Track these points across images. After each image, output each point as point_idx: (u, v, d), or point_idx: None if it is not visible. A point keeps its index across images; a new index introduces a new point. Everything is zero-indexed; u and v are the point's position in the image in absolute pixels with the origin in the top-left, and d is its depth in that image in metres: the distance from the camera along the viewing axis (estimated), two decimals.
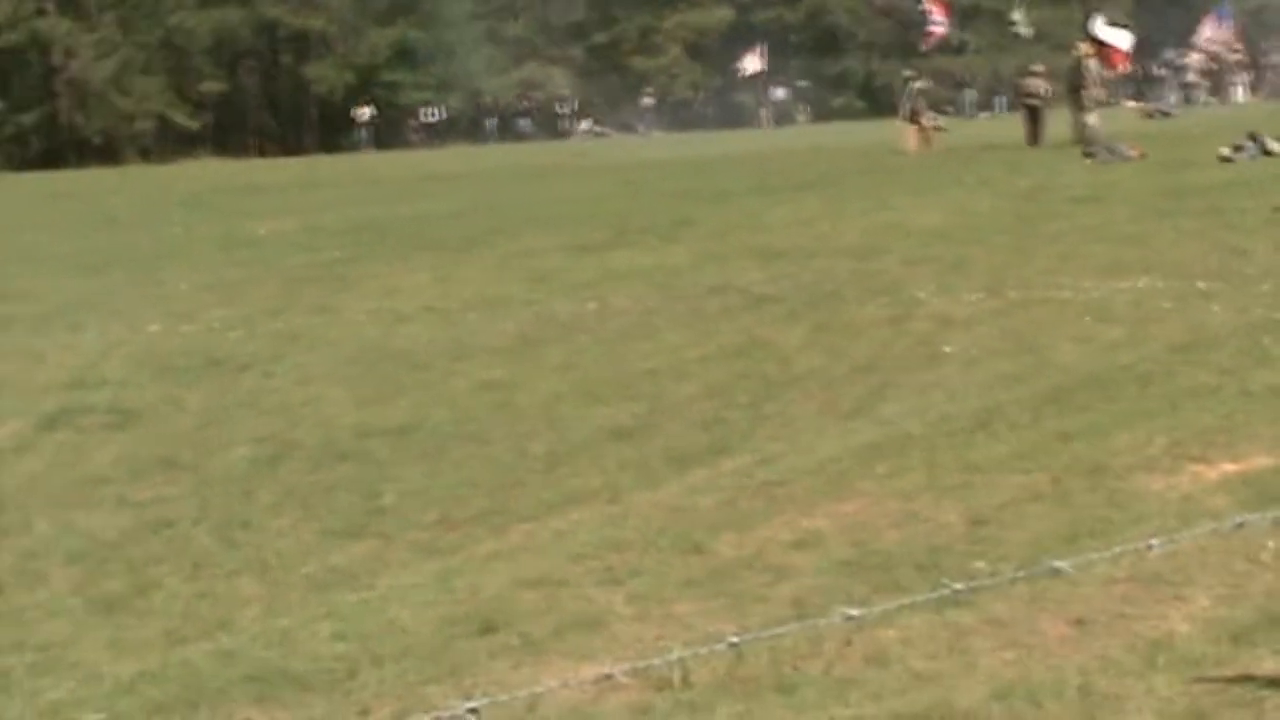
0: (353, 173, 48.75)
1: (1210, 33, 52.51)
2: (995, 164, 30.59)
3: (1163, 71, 64.07)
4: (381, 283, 19.07)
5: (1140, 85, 64.04)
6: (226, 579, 8.62)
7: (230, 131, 77.79)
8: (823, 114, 73.23)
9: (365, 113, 71.73)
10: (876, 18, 80.00)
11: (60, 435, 12.48)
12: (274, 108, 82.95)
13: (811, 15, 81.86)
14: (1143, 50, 54.19)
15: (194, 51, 76.56)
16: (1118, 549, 6.98)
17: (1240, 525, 7.16)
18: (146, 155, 69.56)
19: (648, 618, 7.08)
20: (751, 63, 72.12)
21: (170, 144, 72.80)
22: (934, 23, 48.40)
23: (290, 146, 77.12)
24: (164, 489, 10.66)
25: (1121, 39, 38.95)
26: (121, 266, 22.99)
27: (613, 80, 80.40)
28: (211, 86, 77.40)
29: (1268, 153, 27.47)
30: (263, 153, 75.17)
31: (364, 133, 71.35)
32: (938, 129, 41.14)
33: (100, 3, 73.70)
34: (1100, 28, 38.75)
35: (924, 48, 52.05)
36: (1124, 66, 45.31)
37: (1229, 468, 8.69)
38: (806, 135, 53.89)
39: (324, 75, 78.81)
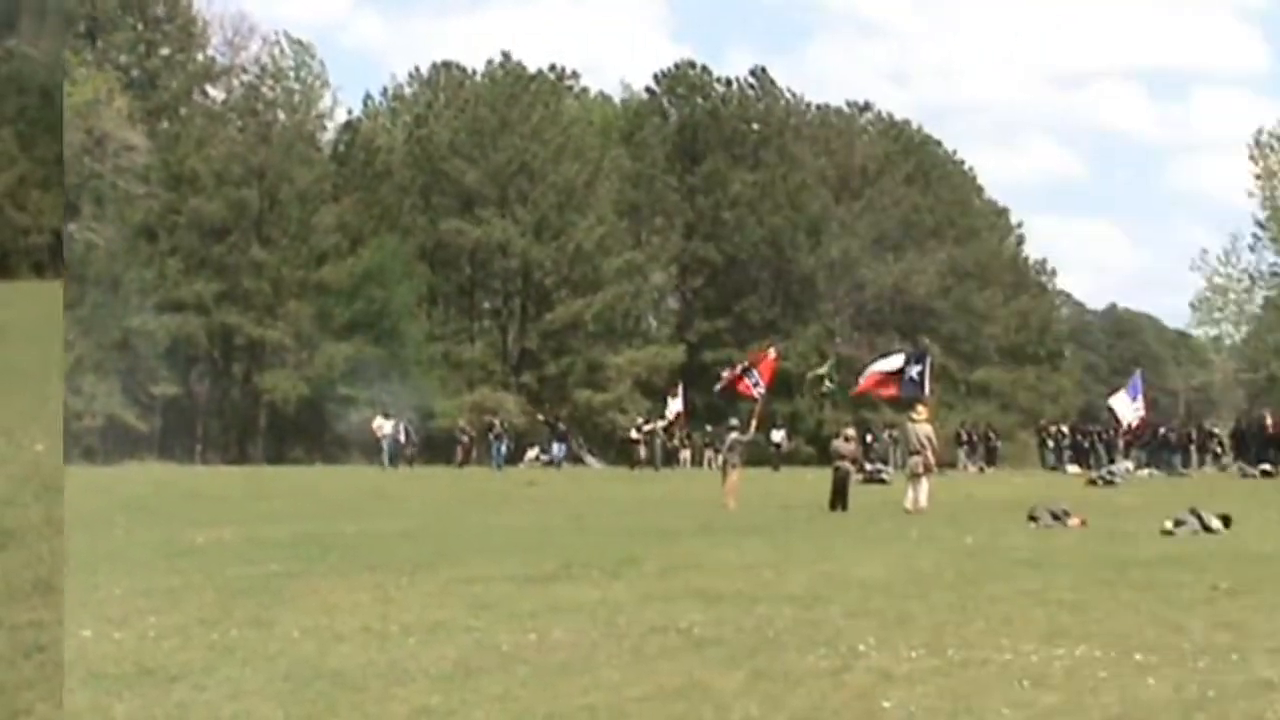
0: (299, 485, 48.72)
1: (1126, 405, 53.98)
2: (940, 520, 30.82)
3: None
4: (320, 599, 18.94)
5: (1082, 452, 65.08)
6: None
7: (177, 435, 77.90)
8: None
9: (386, 425, 69.83)
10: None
11: None
12: (222, 414, 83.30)
13: None
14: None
15: (148, 355, 76.95)
16: None
17: None
18: (91, 456, 69.27)
19: None
20: (674, 405, 72.07)
21: (116, 444, 72.60)
22: (751, 379, 45.18)
23: (237, 454, 77.29)
24: None
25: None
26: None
27: (562, 411, 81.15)
28: (164, 389, 77.74)
29: (1207, 529, 27.76)
30: (206, 459, 75.19)
31: (387, 445, 69.04)
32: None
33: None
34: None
35: (716, 389, 48.69)
36: None
37: None
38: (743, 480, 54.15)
39: (277, 384, 79.33)
